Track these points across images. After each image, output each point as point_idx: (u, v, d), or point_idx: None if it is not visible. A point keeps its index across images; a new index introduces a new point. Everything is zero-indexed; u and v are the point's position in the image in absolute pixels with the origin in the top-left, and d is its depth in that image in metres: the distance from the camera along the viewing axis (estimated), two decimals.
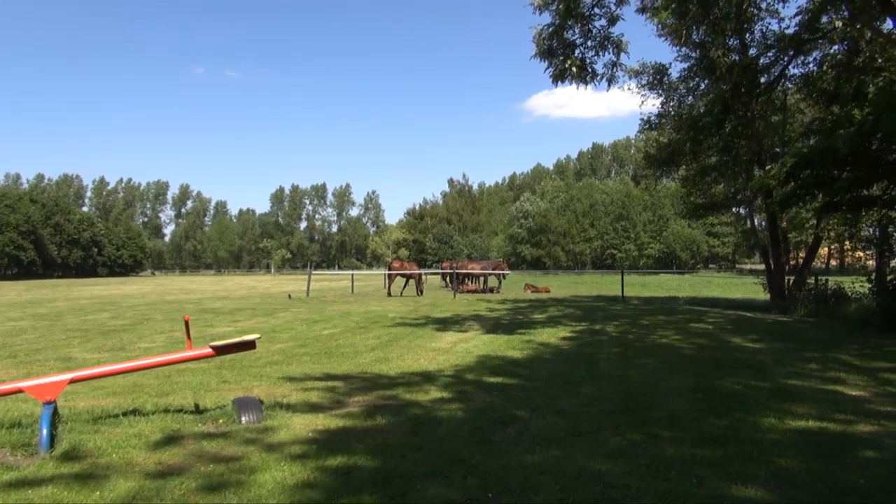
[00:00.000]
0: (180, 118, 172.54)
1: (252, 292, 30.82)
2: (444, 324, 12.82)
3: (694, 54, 17.31)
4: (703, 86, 18.08)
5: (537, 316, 14.71)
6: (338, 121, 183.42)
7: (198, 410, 5.32)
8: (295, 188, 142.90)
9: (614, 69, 10.77)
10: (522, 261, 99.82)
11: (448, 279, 35.67)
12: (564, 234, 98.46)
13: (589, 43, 10.75)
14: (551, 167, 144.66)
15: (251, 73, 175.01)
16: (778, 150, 17.73)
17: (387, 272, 27.83)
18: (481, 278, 31.40)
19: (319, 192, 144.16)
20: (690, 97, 18.83)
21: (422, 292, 25.46)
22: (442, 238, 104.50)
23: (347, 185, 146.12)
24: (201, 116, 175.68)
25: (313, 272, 28.06)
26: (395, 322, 13.21)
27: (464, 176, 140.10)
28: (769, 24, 16.59)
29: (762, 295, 20.24)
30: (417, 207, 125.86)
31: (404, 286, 26.80)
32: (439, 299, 23.09)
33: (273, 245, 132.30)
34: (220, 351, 5.12)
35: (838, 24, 14.41)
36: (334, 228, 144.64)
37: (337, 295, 25.91)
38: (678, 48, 17.49)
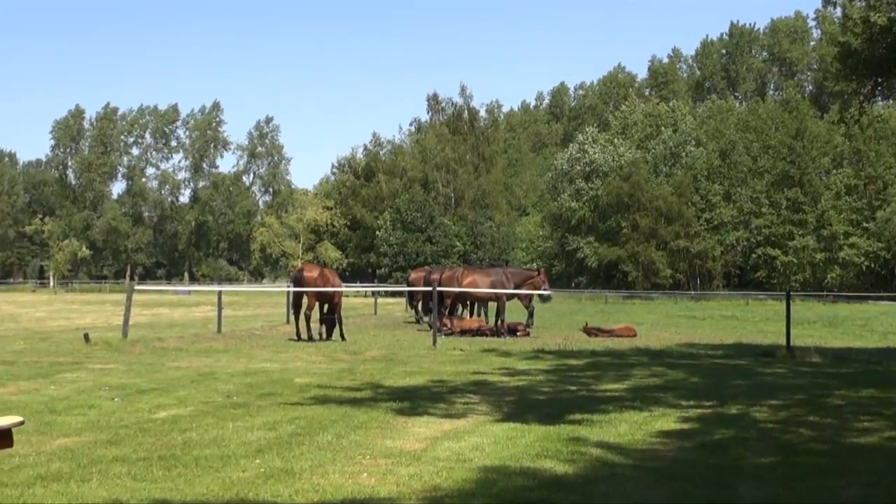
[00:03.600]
0: None
1: (6, 327, 30.57)
2: (413, 399, 13.15)
3: None
4: None
5: (608, 386, 15.03)
6: None
7: None
8: (105, 112, 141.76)
9: None
10: (581, 269, 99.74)
11: (420, 305, 35.54)
12: (669, 216, 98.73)
13: None
14: (641, 76, 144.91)
15: None
16: None
17: (291, 289, 28.11)
18: (490, 304, 31.41)
19: (157, 121, 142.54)
20: None
21: (330, 333, 26.15)
22: (411, 219, 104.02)
23: (215, 107, 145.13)
24: None
25: (138, 287, 28.05)
26: (308, 395, 13.60)
27: (462, 91, 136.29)
28: None
29: None
30: (359, 155, 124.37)
31: (320, 318, 27.09)
32: (402, 346, 23.22)
33: (55, 230, 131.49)
34: None
35: None
36: (184, 197, 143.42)
37: (188, 337, 26.12)
38: None
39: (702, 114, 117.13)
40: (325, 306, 27.04)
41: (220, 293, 32.06)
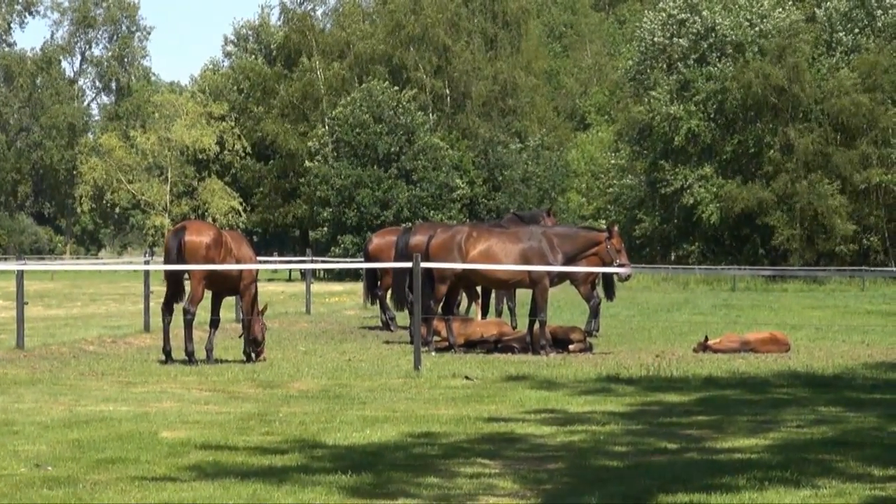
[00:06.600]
0: None
1: None
2: (378, 469, 10.64)
3: None
4: None
5: (736, 441, 12.22)
6: None
7: None
8: None
9: None
10: (689, 228, 72.88)
11: (391, 295, 29.42)
12: (852, 127, 66.84)
13: None
14: None
15: None
16: None
17: (159, 266, 26.35)
18: (521, 293, 27.66)
19: None
20: None
21: (255, 351, 21.13)
22: (370, 138, 77.12)
23: None
24: None
25: None
26: (185, 462, 10.87)
27: None
28: None
29: None
30: (274, 20, 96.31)
31: (213, 320, 21.55)
32: (358, 372, 19.70)
33: None
34: None
35: None
36: None
37: None
38: None
39: None
40: (216, 298, 21.47)
41: (20, 275, 25.58)
